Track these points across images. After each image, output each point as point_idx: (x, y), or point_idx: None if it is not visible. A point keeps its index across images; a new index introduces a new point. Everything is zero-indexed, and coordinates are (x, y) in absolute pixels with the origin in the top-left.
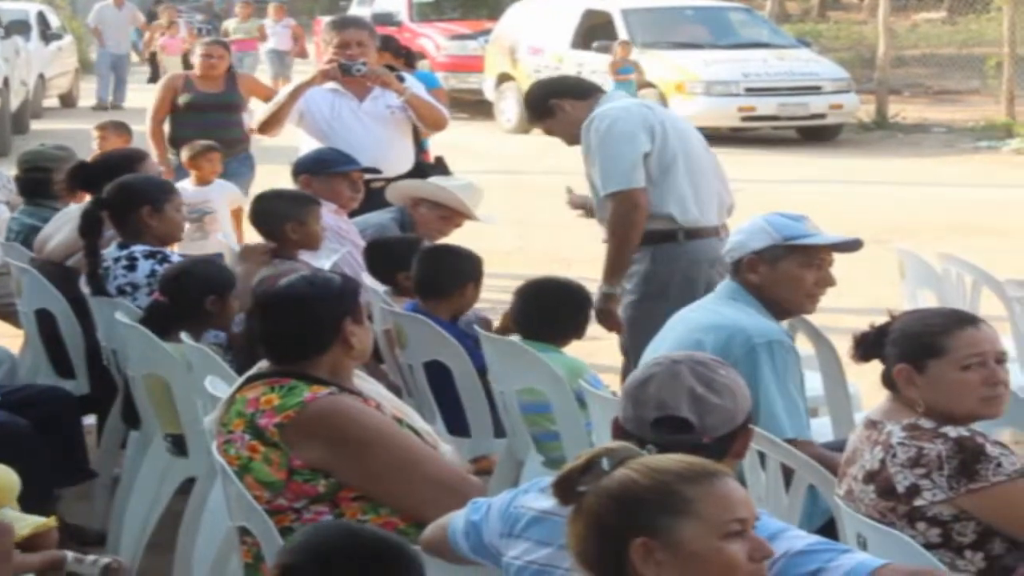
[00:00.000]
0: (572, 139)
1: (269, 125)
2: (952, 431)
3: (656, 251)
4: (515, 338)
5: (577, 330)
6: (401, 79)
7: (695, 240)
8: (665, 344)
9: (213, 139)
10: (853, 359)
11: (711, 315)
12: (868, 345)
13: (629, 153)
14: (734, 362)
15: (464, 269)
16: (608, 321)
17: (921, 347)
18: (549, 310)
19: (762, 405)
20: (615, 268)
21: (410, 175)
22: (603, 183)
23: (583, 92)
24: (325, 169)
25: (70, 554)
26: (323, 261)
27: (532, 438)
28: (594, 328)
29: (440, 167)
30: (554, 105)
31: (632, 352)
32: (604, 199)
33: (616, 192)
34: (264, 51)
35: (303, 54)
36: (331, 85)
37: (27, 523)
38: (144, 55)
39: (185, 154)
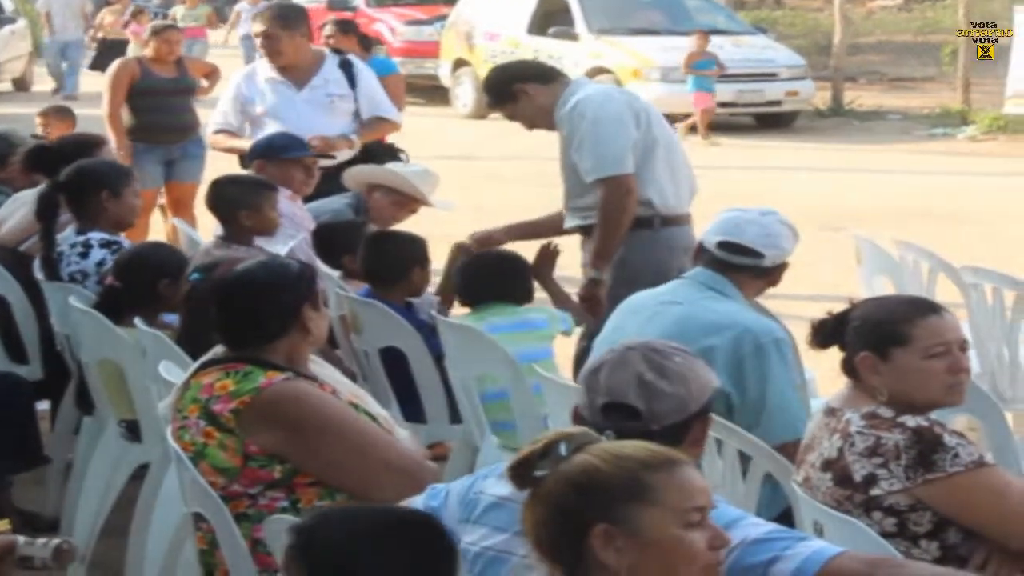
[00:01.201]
0: (534, 124)
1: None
2: (911, 420)
3: (631, 237)
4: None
5: (524, 291)
6: (350, 64)
7: (671, 227)
8: (627, 331)
9: (170, 123)
10: (811, 346)
11: (705, 312)
12: (827, 332)
13: (620, 138)
14: (741, 360)
15: (407, 253)
16: (594, 306)
17: (885, 335)
18: (496, 276)
19: (773, 403)
20: (605, 253)
21: (359, 160)
22: (594, 167)
23: (547, 76)
24: (279, 154)
25: (21, 538)
26: (279, 247)
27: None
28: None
29: (391, 151)
30: (517, 90)
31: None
32: (591, 184)
33: (609, 177)
34: (240, 36)
35: None
36: (271, 74)
37: None
38: (92, 38)
39: None
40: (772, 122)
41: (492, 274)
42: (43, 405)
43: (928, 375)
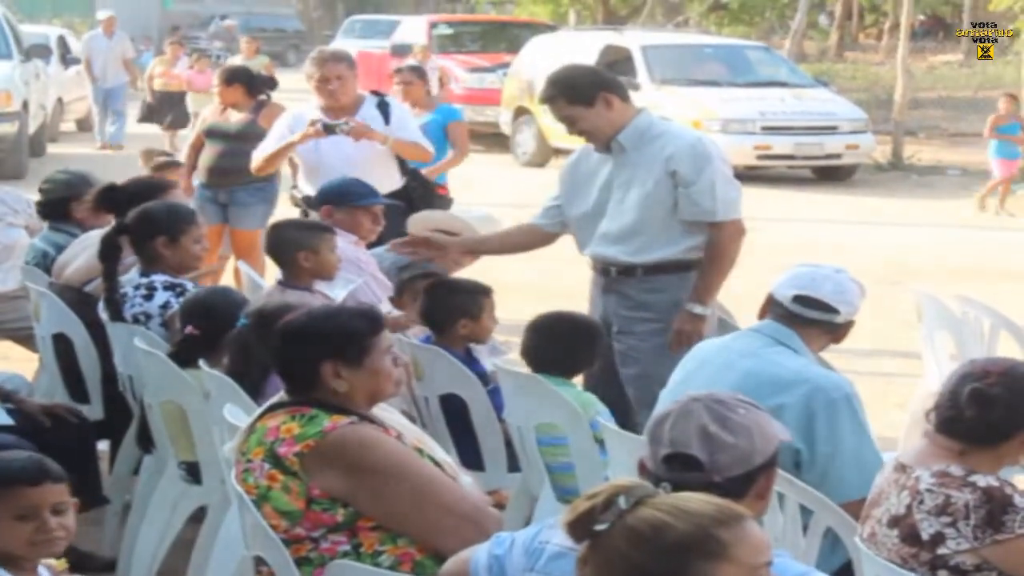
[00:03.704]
0: (588, 133)
1: (262, 168)
2: (981, 480)
3: (687, 279)
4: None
5: (589, 362)
6: (387, 104)
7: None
8: (695, 383)
9: (220, 167)
10: (929, 425)
11: (775, 367)
12: (956, 414)
13: (736, 183)
14: (812, 416)
15: (455, 304)
16: (691, 340)
17: None
18: (563, 343)
19: (848, 459)
20: (714, 290)
21: (396, 196)
22: (724, 209)
23: (626, 95)
24: (348, 201)
25: None
26: (338, 291)
27: (546, 467)
28: None
29: (444, 200)
30: (602, 97)
31: (652, 381)
32: (690, 224)
33: (733, 220)
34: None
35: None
36: (316, 115)
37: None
38: (148, 89)
39: None
40: (831, 175)
41: (557, 341)
42: (102, 445)
43: None
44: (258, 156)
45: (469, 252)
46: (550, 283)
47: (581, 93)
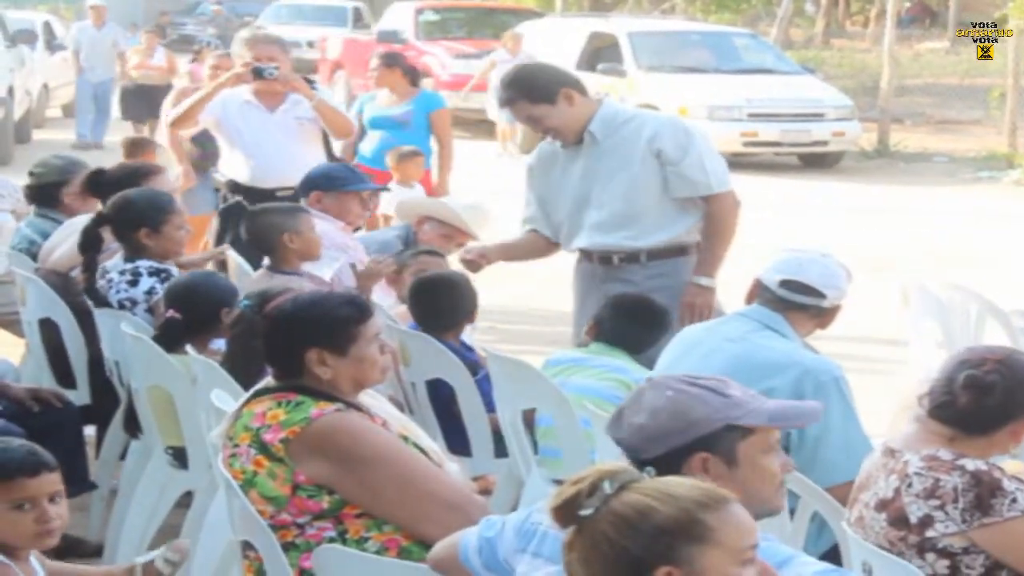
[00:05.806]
0: (556, 131)
1: (181, 121)
2: (970, 464)
3: (686, 263)
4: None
5: (651, 346)
6: (313, 86)
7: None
8: (683, 367)
9: (203, 150)
10: (930, 413)
11: (763, 351)
12: (951, 400)
13: (721, 158)
14: (802, 399)
15: (462, 303)
16: (704, 314)
17: None
18: (639, 324)
19: (837, 441)
20: (719, 262)
21: None
22: (718, 182)
23: (585, 90)
24: (337, 187)
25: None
26: (325, 270)
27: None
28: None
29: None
30: (564, 93)
31: None
32: (685, 201)
33: (728, 191)
34: (492, 88)
35: None
36: (245, 96)
37: None
38: (127, 78)
39: None
40: (817, 162)
41: (638, 320)
42: (89, 430)
43: None
44: (178, 109)
45: (504, 259)
46: (532, 268)
47: (543, 92)
